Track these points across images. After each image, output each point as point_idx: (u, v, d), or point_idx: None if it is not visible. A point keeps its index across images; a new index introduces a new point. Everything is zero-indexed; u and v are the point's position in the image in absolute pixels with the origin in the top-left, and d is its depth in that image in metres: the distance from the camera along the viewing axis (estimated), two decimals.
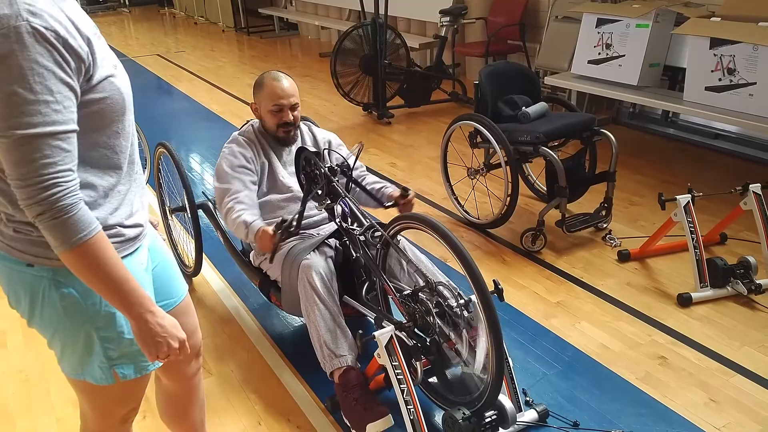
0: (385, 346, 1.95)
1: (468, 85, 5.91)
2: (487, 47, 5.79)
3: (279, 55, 8.83)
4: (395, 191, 2.49)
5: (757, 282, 2.72)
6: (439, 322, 1.95)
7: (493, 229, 3.41)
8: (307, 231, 2.53)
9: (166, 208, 3.18)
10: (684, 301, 2.73)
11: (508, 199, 3.20)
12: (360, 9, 5.60)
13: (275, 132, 2.56)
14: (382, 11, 5.22)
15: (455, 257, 1.88)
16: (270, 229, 2.24)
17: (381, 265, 2.21)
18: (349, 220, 2.29)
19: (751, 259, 2.77)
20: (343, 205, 2.30)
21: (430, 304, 1.96)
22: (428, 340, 1.99)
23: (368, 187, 2.54)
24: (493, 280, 2.04)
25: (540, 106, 3.32)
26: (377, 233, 2.19)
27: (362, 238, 2.20)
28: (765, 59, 3.57)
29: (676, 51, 4.37)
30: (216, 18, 11.32)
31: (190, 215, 2.86)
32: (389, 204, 2.43)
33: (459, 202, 3.60)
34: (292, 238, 2.47)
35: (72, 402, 2.26)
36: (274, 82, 2.51)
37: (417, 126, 5.37)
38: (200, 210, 2.92)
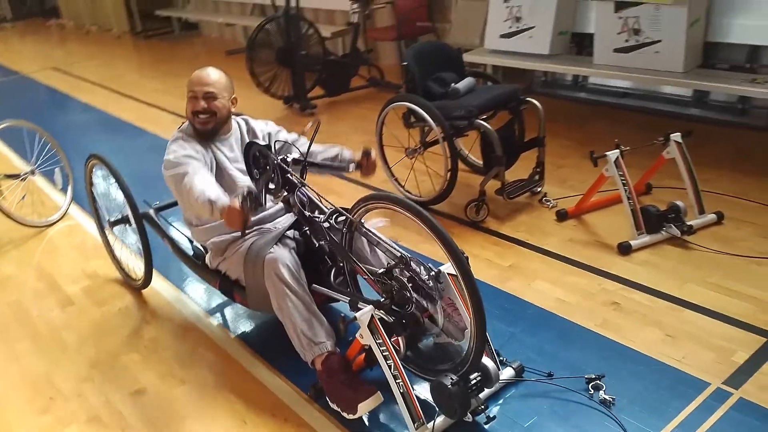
0: (368, 326, 2.00)
1: (385, 70, 5.98)
2: (398, 30, 5.88)
3: (183, 56, 8.61)
4: (355, 154, 2.51)
5: (689, 223, 2.93)
6: (416, 295, 2.01)
7: (435, 205, 3.50)
8: (263, 225, 2.53)
9: (105, 223, 3.09)
10: (624, 249, 2.91)
11: (449, 174, 3.30)
12: (271, 3, 5.54)
13: (193, 122, 2.48)
14: (290, 3, 5.20)
15: (427, 229, 1.94)
16: (236, 202, 2.14)
17: (348, 249, 2.25)
18: (308, 209, 2.31)
19: (680, 203, 2.98)
20: (300, 194, 2.31)
21: (404, 280, 2.02)
22: (406, 314, 2.05)
23: (324, 161, 2.55)
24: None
25: (468, 81, 3.43)
26: (341, 218, 2.23)
27: (326, 224, 2.23)
28: (667, 17, 3.83)
29: (582, 18, 4.59)
30: (109, 24, 10.88)
31: (135, 226, 2.80)
32: (354, 169, 2.47)
33: (399, 183, 3.67)
34: (249, 235, 2.47)
35: None
36: (197, 71, 2.48)
37: (340, 114, 5.40)
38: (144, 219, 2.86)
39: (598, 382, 2.15)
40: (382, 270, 2.08)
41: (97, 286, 3.14)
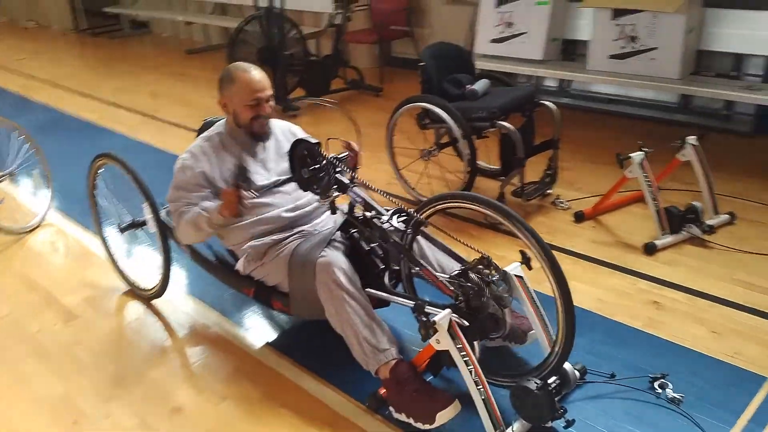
0: (448, 330, 1.93)
1: (364, 73, 5.91)
2: (378, 33, 5.84)
3: (141, 55, 8.30)
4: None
5: (709, 223, 3.01)
6: (492, 297, 1.97)
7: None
8: (302, 228, 2.43)
9: (105, 229, 2.93)
10: (650, 249, 2.95)
11: (468, 174, 3.27)
12: (253, 2, 5.39)
13: (250, 126, 2.42)
14: (273, 2, 5.08)
15: (511, 225, 1.92)
16: (227, 188, 2.22)
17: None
18: (362, 210, 2.23)
19: (697, 204, 3.05)
20: (353, 194, 2.23)
21: (480, 281, 1.97)
22: (481, 317, 2.00)
23: None
24: (521, 251, 2.09)
25: (484, 83, 3.42)
26: (402, 218, 2.16)
27: (387, 225, 2.15)
28: (663, 25, 3.92)
29: (571, 25, 4.66)
30: (47, 21, 10.36)
31: (157, 230, 2.63)
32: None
33: (410, 186, 3.62)
34: (290, 238, 2.38)
35: None
36: (245, 74, 2.38)
37: (325, 116, 5.30)
38: None
39: (663, 380, 2.16)
40: (456, 271, 2.02)
41: (100, 296, 2.94)
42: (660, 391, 2.13)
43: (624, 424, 2.03)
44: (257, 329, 2.65)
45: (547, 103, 3.42)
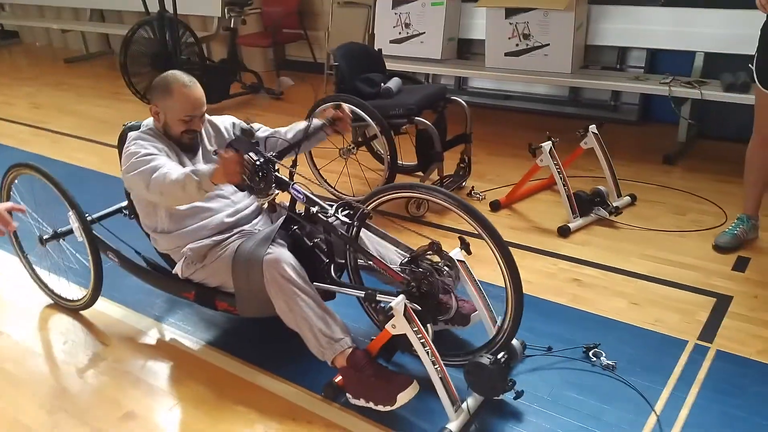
0: (404, 315, 1.99)
1: (263, 76, 5.85)
2: (273, 37, 5.81)
3: (14, 66, 7.81)
4: (326, 114, 2.49)
5: (615, 205, 3.25)
6: (442, 280, 2.05)
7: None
8: (242, 228, 2.42)
9: (23, 244, 2.77)
10: (564, 231, 3.15)
11: (387, 171, 3.35)
12: (143, 5, 5.21)
13: (179, 138, 2.38)
14: (165, 5, 4.94)
15: (462, 212, 2.02)
16: (226, 151, 2.04)
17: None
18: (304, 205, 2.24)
19: (602, 188, 3.29)
20: (294, 192, 2.24)
21: (431, 266, 2.05)
22: (432, 301, 2.07)
23: (296, 137, 2.51)
24: (459, 237, 2.19)
25: (396, 81, 3.51)
26: (346, 212, 2.19)
27: (333, 219, 2.18)
28: (555, 22, 4.18)
29: (466, 24, 4.86)
30: None
31: (84, 236, 2.51)
32: (329, 124, 2.48)
33: (330, 185, 3.64)
34: (229, 239, 2.35)
35: None
36: (184, 89, 2.32)
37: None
38: None
39: (596, 349, 2.32)
40: (407, 258, 2.09)
41: (22, 311, 2.80)
42: (594, 359, 2.29)
43: (566, 391, 2.17)
44: (196, 331, 2.59)
45: (457, 99, 3.56)
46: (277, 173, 2.21)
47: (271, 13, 6.14)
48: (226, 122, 2.59)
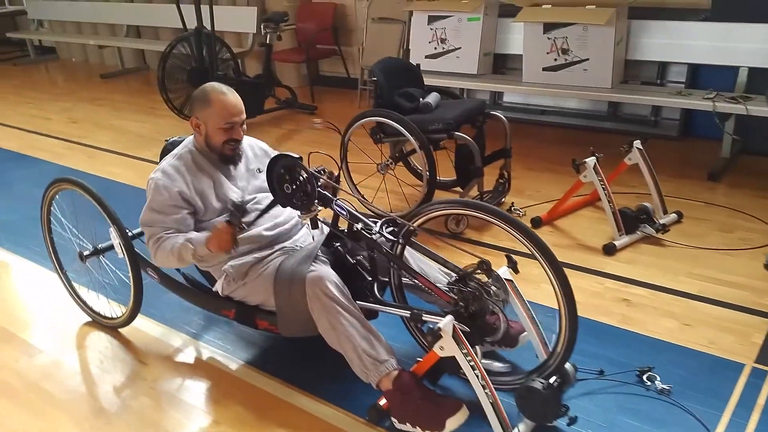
0: (453, 336, 1.92)
1: (297, 91, 5.86)
2: (307, 52, 5.83)
3: (51, 81, 7.93)
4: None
5: (661, 222, 3.15)
6: (491, 300, 1.99)
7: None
8: (284, 244, 2.38)
9: (60, 260, 2.77)
10: (610, 249, 3.06)
11: (427, 186, 3.29)
12: (181, 21, 5.25)
13: (221, 149, 2.36)
14: (202, 22, 4.98)
15: (511, 228, 1.96)
16: (220, 223, 2.18)
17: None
18: (347, 222, 2.20)
19: (648, 205, 3.20)
20: (337, 208, 2.20)
21: (480, 286, 1.99)
22: (481, 322, 2.01)
23: None
24: (507, 255, 2.13)
25: (435, 96, 3.47)
26: (390, 229, 2.15)
27: (376, 236, 2.14)
28: (594, 37, 4.12)
29: (502, 39, 4.81)
30: None
31: (125, 252, 2.50)
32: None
33: (366, 200, 3.60)
34: (271, 255, 2.32)
35: None
36: (223, 97, 2.31)
37: (262, 137, 5.14)
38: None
39: (650, 373, 2.23)
40: (454, 277, 2.03)
41: (62, 329, 2.78)
42: (649, 383, 2.20)
43: (621, 417, 2.08)
44: (236, 350, 2.55)
45: (497, 113, 3.50)
46: (319, 189, 2.17)
47: (305, 30, 6.16)
48: (252, 143, 2.57)
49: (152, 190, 2.28)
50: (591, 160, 3.14)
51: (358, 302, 2.17)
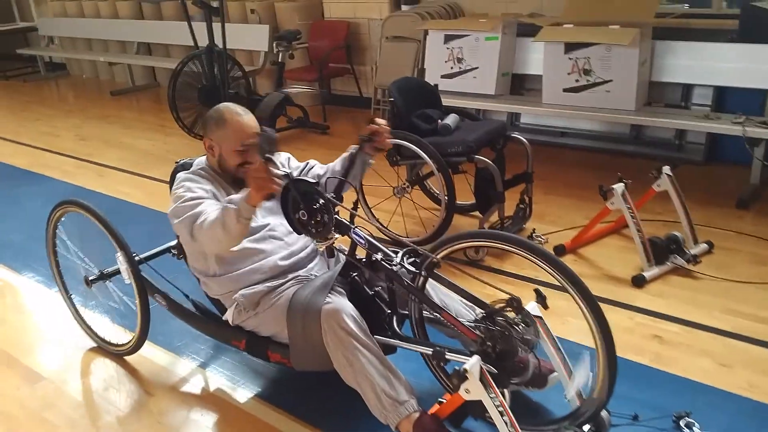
0: (480, 379, 1.78)
1: (309, 111, 5.76)
2: (320, 71, 5.74)
3: (61, 98, 7.88)
4: (361, 136, 2.25)
5: (693, 253, 3.00)
6: (519, 340, 1.85)
7: (429, 245, 3.33)
8: (298, 273, 2.25)
9: (65, 284, 2.66)
10: (639, 281, 2.91)
11: (445, 211, 3.16)
12: (192, 39, 5.17)
13: (235, 172, 2.24)
14: (214, 40, 4.90)
15: (543, 262, 1.81)
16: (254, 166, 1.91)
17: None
18: (365, 252, 2.07)
19: (678, 234, 3.05)
20: (355, 236, 2.07)
21: (508, 324, 1.85)
22: (508, 363, 1.87)
23: (343, 167, 2.34)
24: (535, 290, 1.99)
25: (454, 118, 3.35)
26: (411, 260, 2.01)
27: (396, 267, 2.00)
28: (618, 58, 3.99)
29: (521, 59, 4.70)
30: None
31: (132, 278, 2.38)
32: (368, 146, 2.25)
33: (382, 225, 3.47)
34: (285, 285, 2.19)
35: None
36: (238, 117, 2.20)
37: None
38: None
39: (688, 419, 2.07)
40: (482, 314, 1.89)
41: (66, 355, 2.67)
42: (687, 430, 2.05)
43: None
44: (246, 383, 2.43)
45: (518, 136, 3.38)
46: (337, 215, 2.04)
47: (318, 48, 6.08)
48: (281, 157, 2.44)
49: (180, 186, 2.17)
50: (619, 187, 3.00)
51: (376, 336, 2.03)
